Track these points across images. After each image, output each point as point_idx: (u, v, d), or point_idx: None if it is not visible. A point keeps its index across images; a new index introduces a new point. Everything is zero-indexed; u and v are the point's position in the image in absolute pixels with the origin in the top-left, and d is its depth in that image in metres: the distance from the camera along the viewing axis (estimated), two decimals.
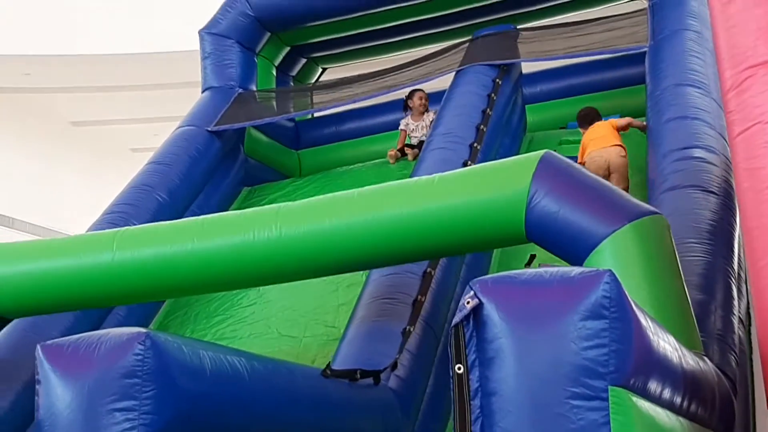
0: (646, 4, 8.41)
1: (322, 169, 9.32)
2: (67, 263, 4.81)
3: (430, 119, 8.53)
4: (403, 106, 8.95)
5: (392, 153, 8.73)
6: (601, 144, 7.13)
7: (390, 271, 5.74)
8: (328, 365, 4.62)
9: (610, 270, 2.95)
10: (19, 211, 16.57)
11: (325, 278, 6.23)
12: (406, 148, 8.72)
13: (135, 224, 6.45)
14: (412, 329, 5.40)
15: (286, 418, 4.06)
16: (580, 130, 7.56)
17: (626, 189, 6.74)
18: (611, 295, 2.88)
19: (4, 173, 16.27)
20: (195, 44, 9.51)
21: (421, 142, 8.33)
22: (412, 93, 8.81)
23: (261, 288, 6.88)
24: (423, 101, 8.74)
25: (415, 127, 8.76)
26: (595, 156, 7.07)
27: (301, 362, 5.12)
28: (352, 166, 9.24)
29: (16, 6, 14.78)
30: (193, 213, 7.64)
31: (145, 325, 6.87)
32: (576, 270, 3.00)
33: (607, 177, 6.95)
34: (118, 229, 5.00)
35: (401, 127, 8.87)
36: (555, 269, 3.05)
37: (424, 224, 4.45)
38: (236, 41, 9.33)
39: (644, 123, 7.17)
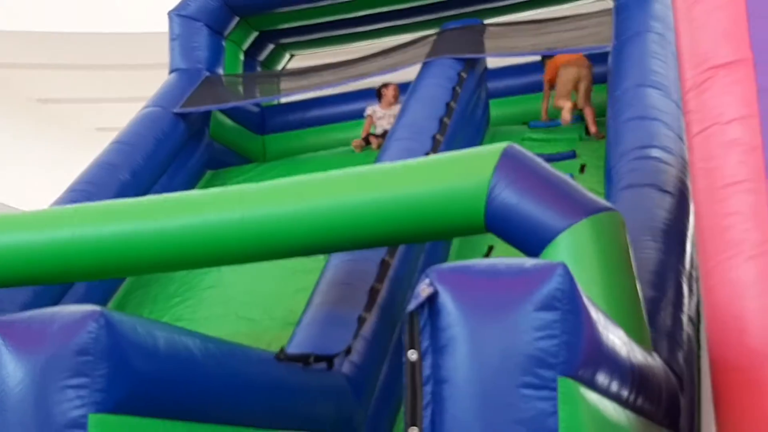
0: (611, 5, 8.50)
1: (286, 154, 9.34)
2: (26, 237, 4.78)
3: (398, 108, 8.58)
4: (377, 93, 9.07)
5: (357, 143, 8.79)
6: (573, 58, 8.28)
7: (348, 257, 5.77)
8: (282, 349, 4.64)
9: (563, 263, 2.99)
10: None
11: (284, 262, 6.26)
12: (370, 137, 8.76)
13: None
14: (367, 316, 5.43)
15: (238, 401, 4.07)
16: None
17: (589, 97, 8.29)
18: (564, 288, 2.93)
19: None
20: (164, 26, 9.47)
21: (385, 132, 8.38)
22: (387, 84, 8.99)
23: (221, 270, 6.88)
24: (395, 93, 8.93)
25: (382, 114, 8.84)
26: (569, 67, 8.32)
27: (257, 345, 5.12)
28: (316, 153, 9.28)
29: None
30: (156, 194, 7.61)
31: (104, 304, 6.85)
32: (530, 262, 3.05)
33: (577, 88, 8.30)
34: (79, 204, 4.98)
35: (367, 112, 8.93)
36: (510, 260, 3.10)
37: (384, 211, 4.48)
38: (205, 24, 9.31)
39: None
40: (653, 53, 7.32)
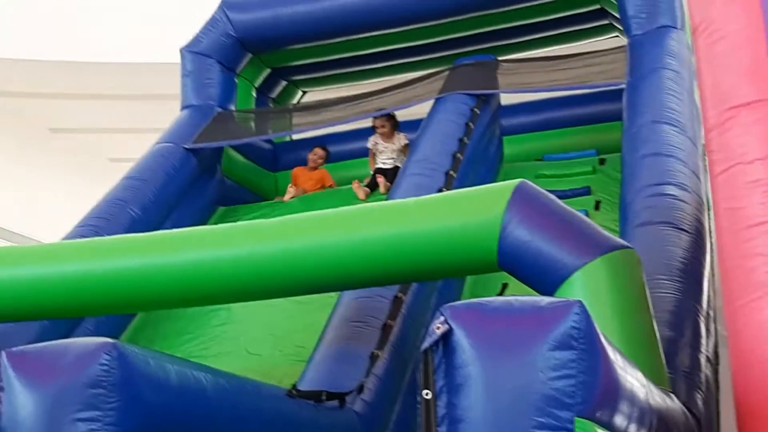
0: (625, 41, 8.51)
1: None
2: (36, 271, 4.77)
3: (402, 143, 8.55)
4: (372, 128, 8.96)
5: (358, 187, 8.42)
6: None
7: (361, 294, 5.73)
8: (294, 386, 4.61)
9: (579, 301, 2.95)
10: None
11: (295, 298, 6.22)
12: (378, 177, 8.51)
13: None
14: (380, 353, 5.39)
15: None
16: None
17: None
18: (580, 326, 2.89)
19: None
20: (176, 57, 9.51)
21: (394, 168, 8.31)
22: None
23: (231, 306, 6.85)
24: (385, 123, 8.67)
25: (384, 148, 8.69)
26: None
27: (268, 381, 5.08)
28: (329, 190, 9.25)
29: (1, 10, 14.76)
30: (166, 230, 7.59)
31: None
32: (546, 300, 3.01)
33: None
34: (89, 239, 4.97)
35: (369, 144, 8.84)
36: (525, 298, 3.06)
37: (396, 248, 4.45)
38: (217, 61, 9.35)
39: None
40: (668, 90, 7.31)
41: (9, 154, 16.81)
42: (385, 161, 8.60)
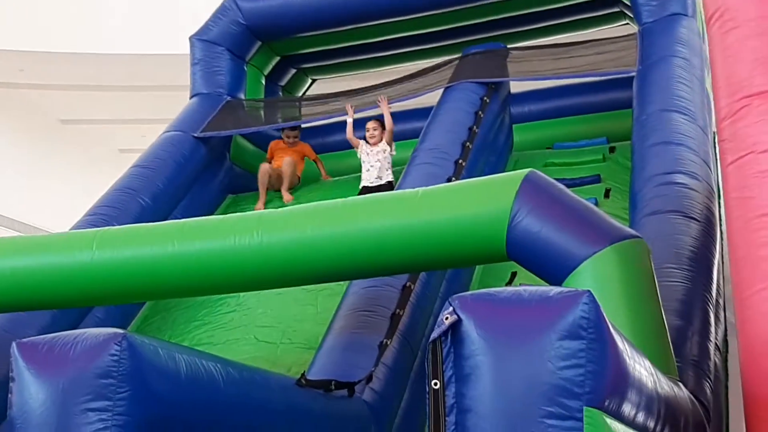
0: (635, 29, 8.47)
1: (307, 180, 9.32)
2: (45, 261, 4.78)
3: (385, 153, 7.99)
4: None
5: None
6: None
7: (370, 283, 5.74)
8: (303, 375, 4.61)
9: (588, 291, 2.95)
10: (2, 205, 16.48)
11: (304, 287, 6.22)
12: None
13: None
14: (389, 342, 5.39)
15: (259, 426, 4.05)
16: None
17: None
18: (589, 316, 2.89)
19: None
20: (187, 48, 9.50)
21: (387, 186, 7.76)
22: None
23: (240, 295, 6.87)
24: (371, 131, 8.10)
25: (369, 151, 8.04)
26: None
27: (277, 370, 5.10)
28: (337, 179, 9.25)
29: (12, 1, 14.78)
30: (176, 218, 7.57)
31: (123, 329, 6.83)
32: (555, 290, 3.01)
33: None
34: (99, 228, 4.98)
35: (358, 154, 8.19)
36: (534, 288, 3.06)
37: (405, 238, 4.45)
38: (226, 49, 9.33)
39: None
40: (679, 78, 7.28)
41: (20, 145, 16.87)
42: (368, 169, 7.97)
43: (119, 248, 4.71)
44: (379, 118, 8.25)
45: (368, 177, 7.98)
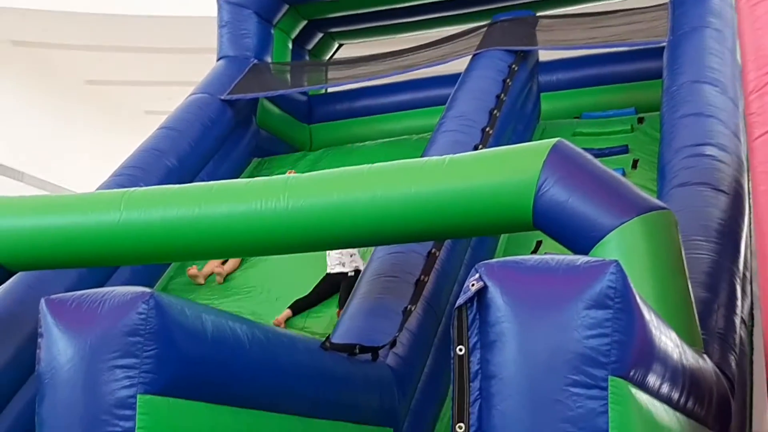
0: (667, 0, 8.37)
1: (333, 144, 9.33)
2: (74, 220, 4.82)
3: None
4: None
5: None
6: None
7: (395, 249, 5.74)
8: (328, 338, 4.63)
9: (616, 260, 2.94)
10: (29, 165, 16.58)
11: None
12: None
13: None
14: (413, 308, 5.40)
15: (283, 387, 4.07)
16: None
17: None
18: (617, 286, 2.88)
19: (18, 127, 16.26)
20: (214, 10, 9.49)
21: (355, 274, 6.34)
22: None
23: (267, 259, 6.90)
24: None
25: None
26: None
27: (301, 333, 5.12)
28: (363, 143, 9.25)
29: None
30: (202, 180, 7.64)
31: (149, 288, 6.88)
32: (582, 259, 3.00)
33: None
34: (126, 189, 5.00)
35: None
36: (561, 256, 3.05)
37: (432, 205, 4.44)
38: (254, 12, 9.31)
39: None
40: (710, 49, 7.20)
41: (46, 106, 16.93)
42: (331, 254, 6.52)
43: (147, 209, 4.73)
44: None
45: (330, 262, 6.58)
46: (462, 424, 2.94)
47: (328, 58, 10.63)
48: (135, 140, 8.10)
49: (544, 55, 9.13)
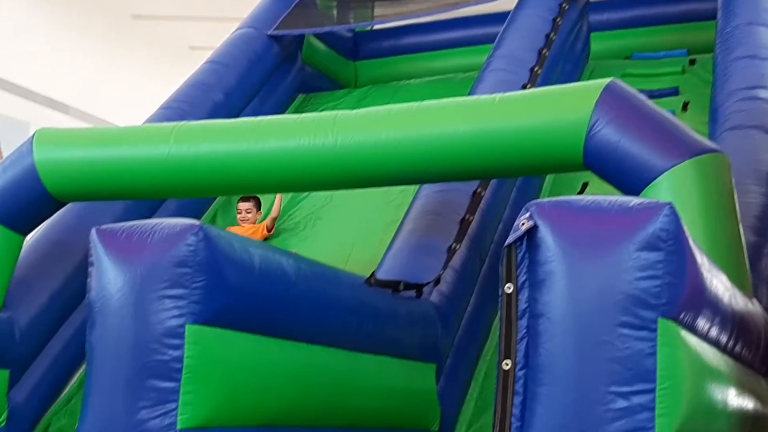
0: None
1: (378, 81, 9.27)
2: (123, 153, 4.84)
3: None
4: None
5: None
6: None
7: (440, 187, 5.72)
8: (372, 274, 4.65)
9: (670, 203, 2.91)
10: (75, 99, 16.69)
11: (374, 196, 6.21)
12: None
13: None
14: (458, 247, 5.40)
15: (327, 322, 4.11)
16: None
17: None
18: (669, 228, 2.85)
19: (64, 61, 16.35)
20: None
21: None
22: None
23: (311, 197, 6.91)
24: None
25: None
26: None
27: (348, 269, 5.12)
28: (408, 81, 9.18)
29: None
30: (248, 116, 7.64)
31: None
32: (635, 200, 2.96)
33: None
34: (176, 123, 5.01)
35: None
36: (614, 197, 3.02)
37: (481, 143, 4.40)
38: None
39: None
40: None
41: (92, 40, 16.97)
42: None
43: (196, 143, 4.74)
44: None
45: None
46: (509, 361, 2.94)
47: None
48: (179, 76, 8.10)
49: None
